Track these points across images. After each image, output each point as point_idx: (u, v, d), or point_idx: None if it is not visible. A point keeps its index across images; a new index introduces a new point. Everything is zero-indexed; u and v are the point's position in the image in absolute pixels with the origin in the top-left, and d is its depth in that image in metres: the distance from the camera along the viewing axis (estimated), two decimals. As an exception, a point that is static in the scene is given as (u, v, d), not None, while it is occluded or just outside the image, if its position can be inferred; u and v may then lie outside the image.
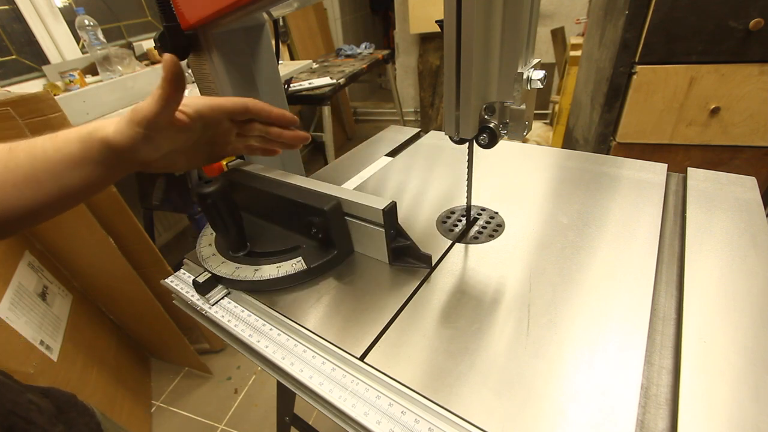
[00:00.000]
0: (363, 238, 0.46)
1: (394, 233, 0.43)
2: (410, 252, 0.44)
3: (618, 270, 0.40)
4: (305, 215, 0.44)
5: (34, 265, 1.00)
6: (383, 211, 0.41)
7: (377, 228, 0.43)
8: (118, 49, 1.49)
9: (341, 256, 0.46)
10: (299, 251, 0.45)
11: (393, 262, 0.45)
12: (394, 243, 0.44)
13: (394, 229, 0.43)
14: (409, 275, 0.43)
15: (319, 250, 0.45)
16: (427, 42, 2.66)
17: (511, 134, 0.37)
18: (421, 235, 0.49)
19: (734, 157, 0.99)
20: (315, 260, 0.44)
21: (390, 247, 0.44)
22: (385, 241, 0.43)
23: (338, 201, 0.43)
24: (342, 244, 0.46)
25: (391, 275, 0.43)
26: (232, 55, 0.52)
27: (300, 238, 0.47)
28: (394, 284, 0.42)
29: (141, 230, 1.08)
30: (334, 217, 0.43)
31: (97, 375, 1.07)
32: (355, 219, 0.45)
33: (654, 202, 0.50)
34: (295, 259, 0.44)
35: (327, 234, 0.44)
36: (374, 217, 0.42)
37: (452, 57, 0.33)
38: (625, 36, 0.92)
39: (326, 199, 0.43)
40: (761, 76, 0.87)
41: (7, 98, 0.81)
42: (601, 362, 0.31)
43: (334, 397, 0.32)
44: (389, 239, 0.43)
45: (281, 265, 0.44)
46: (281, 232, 0.49)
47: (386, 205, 0.41)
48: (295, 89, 1.97)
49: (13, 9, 1.36)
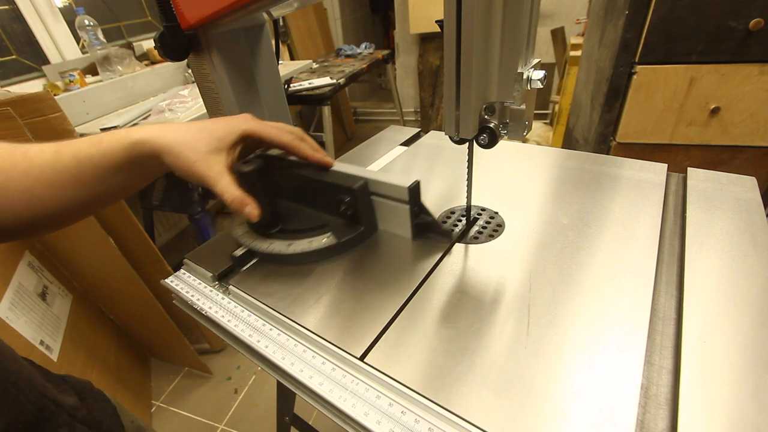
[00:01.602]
0: (388, 215, 0.48)
1: (417, 210, 0.46)
2: (433, 227, 0.47)
3: (618, 270, 0.40)
4: (335, 194, 0.46)
5: (34, 265, 1.00)
6: (409, 189, 0.44)
7: (402, 205, 0.46)
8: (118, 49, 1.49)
9: (367, 233, 0.49)
10: (328, 228, 0.48)
11: (416, 238, 0.48)
12: (418, 219, 0.46)
13: (417, 205, 0.46)
14: (409, 275, 0.43)
15: (347, 227, 0.48)
16: (427, 42, 2.66)
17: (511, 134, 0.37)
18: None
19: (734, 157, 0.99)
20: (344, 236, 0.47)
21: (413, 222, 0.46)
22: (409, 217, 0.46)
23: (366, 181, 0.46)
24: (368, 221, 0.49)
25: (392, 275, 0.43)
26: (232, 55, 0.52)
27: (328, 217, 0.50)
28: (395, 283, 0.42)
29: (141, 230, 1.08)
30: (362, 196, 0.46)
31: (97, 375, 1.07)
32: (381, 197, 0.47)
33: (654, 202, 0.50)
34: (326, 234, 0.47)
35: (355, 212, 0.46)
36: (399, 194, 0.45)
37: (452, 57, 0.33)
38: (625, 36, 0.92)
39: (354, 179, 0.46)
40: (761, 76, 0.87)
41: (7, 98, 0.81)
42: (601, 362, 0.31)
43: (334, 397, 0.32)
44: (413, 216, 0.46)
45: (313, 240, 0.47)
46: (310, 213, 0.51)
47: (411, 183, 0.44)
48: (295, 89, 1.97)
49: (13, 9, 1.36)
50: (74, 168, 0.36)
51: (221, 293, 0.46)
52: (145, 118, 1.26)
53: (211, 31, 0.50)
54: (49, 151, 0.36)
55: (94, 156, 0.36)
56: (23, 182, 0.34)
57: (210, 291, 0.46)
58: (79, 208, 0.38)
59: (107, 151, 0.37)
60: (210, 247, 0.52)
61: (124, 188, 0.40)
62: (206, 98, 0.59)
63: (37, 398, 0.35)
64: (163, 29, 0.49)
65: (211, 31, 0.50)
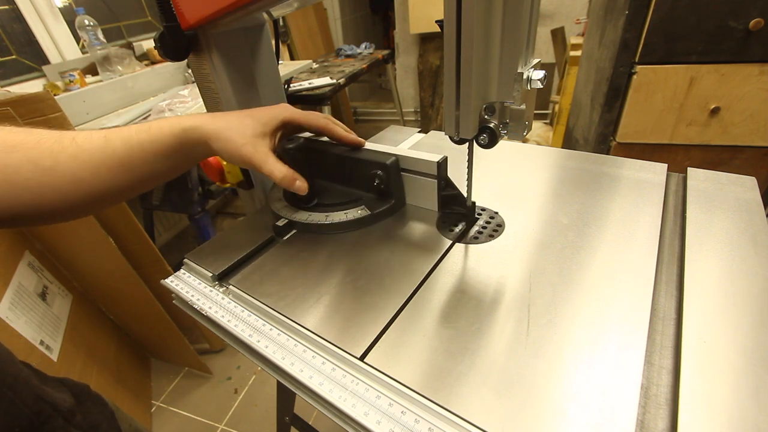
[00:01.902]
0: (416, 189, 0.53)
1: (444, 183, 0.50)
2: (457, 200, 0.50)
3: (618, 270, 0.40)
4: (369, 170, 0.50)
5: (34, 265, 1.00)
6: (437, 164, 0.48)
7: (429, 179, 0.50)
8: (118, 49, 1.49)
9: (397, 206, 0.53)
10: (361, 202, 0.52)
11: (442, 209, 0.52)
12: (444, 192, 0.50)
13: (444, 180, 0.49)
14: (409, 275, 0.43)
15: (379, 201, 0.52)
16: (427, 42, 2.66)
17: (511, 134, 0.37)
18: (422, 235, 0.49)
19: (734, 157, 0.99)
20: (376, 208, 0.51)
21: (440, 195, 0.50)
22: (436, 190, 0.50)
23: (397, 157, 0.50)
24: (398, 195, 0.53)
25: (392, 274, 0.43)
26: (232, 55, 0.52)
27: (359, 192, 0.54)
28: (395, 283, 0.42)
29: (141, 230, 1.08)
30: (393, 171, 0.50)
31: (97, 375, 1.07)
32: (410, 173, 0.52)
33: (654, 202, 0.50)
34: (360, 206, 0.52)
35: (387, 186, 0.51)
36: (428, 169, 0.49)
37: (452, 57, 0.33)
38: (625, 36, 0.92)
39: (387, 156, 0.50)
40: (761, 76, 0.87)
41: (7, 98, 0.81)
42: (601, 362, 0.31)
43: (334, 397, 0.32)
44: (440, 188, 0.50)
45: (348, 211, 0.51)
46: (342, 190, 0.56)
47: (440, 158, 0.48)
48: (295, 89, 1.97)
49: (13, 9, 1.36)
50: (123, 153, 0.38)
51: (221, 293, 0.46)
52: (144, 118, 1.26)
53: (211, 31, 0.50)
54: (98, 137, 0.37)
55: (144, 141, 0.39)
56: (71, 165, 0.35)
57: (210, 291, 0.46)
58: (123, 191, 0.40)
59: (157, 137, 0.39)
60: (210, 247, 0.52)
61: (167, 173, 0.42)
62: (206, 98, 0.59)
63: (34, 402, 0.35)
64: (163, 29, 0.48)
65: (211, 31, 0.50)
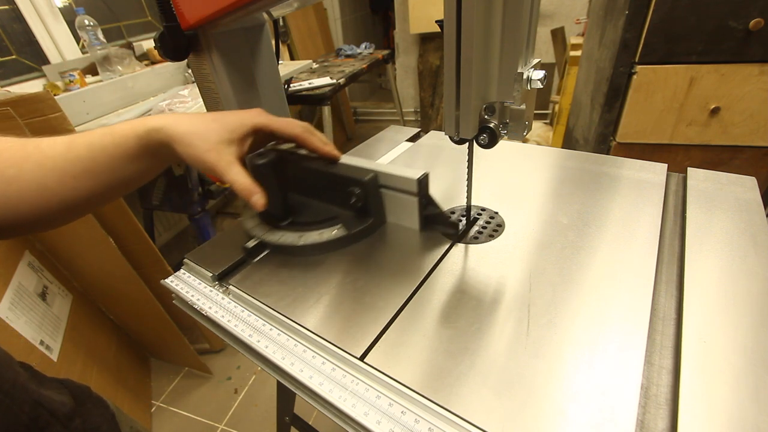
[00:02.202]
0: (396, 207, 0.49)
1: (425, 201, 0.46)
2: (440, 219, 0.47)
3: (618, 270, 0.40)
4: (346, 187, 0.47)
5: (34, 265, 1.00)
6: (417, 181, 0.44)
7: (410, 197, 0.46)
8: (118, 49, 1.49)
9: (376, 224, 0.50)
10: (338, 220, 0.49)
11: (424, 229, 0.48)
12: (426, 210, 0.47)
13: (425, 197, 0.46)
14: (409, 275, 0.43)
15: (356, 219, 0.49)
16: (427, 42, 2.66)
17: (511, 134, 0.37)
18: (421, 235, 0.49)
19: (734, 157, 0.99)
20: (353, 227, 0.47)
21: (422, 214, 0.47)
22: (417, 209, 0.47)
23: (375, 173, 0.47)
24: (377, 213, 0.49)
25: (392, 275, 0.43)
26: (232, 55, 0.52)
27: (337, 209, 0.50)
28: (395, 283, 0.42)
29: (141, 230, 1.08)
30: (371, 188, 0.47)
31: (97, 375, 1.07)
32: (390, 190, 0.48)
33: (654, 202, 0.50)
34: (336, 226, 0.48)
35: (365, 204, 0.47)
36: (408, 186, 0.46)
37: (452, 57, 0.33)
38: (625, 36, 0.92)
39: (365, 172, 0.46)
40: (761, 76, 0.87)
41: (7, 98, 0.81)
42: (601, 362, 0.31)
43: (334, 397, 0.32)
44: (421, 207, 0.47)
45: (323, 231, 0.47)
46: (319, 206, 0.52)
47: (420, 175, 0.44)
48: (295, 89, 1.97)
49: (13, 9, 1.36)
50: (87, 158, 0.36)
51: (221, 293, 0.46)
52: (145, 118, 1.26)
53: (211, 31, 0.50)
54: (61, 143, 0.36)
55: (108, 145, 0.37)
56: (36, 174, 0.34)
57: (210, 291, 0.46)
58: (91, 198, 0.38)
59: (121, 140, 0.37)
60: (210, 247, 0.52)
61: (137, 178, 0.41)
62: (206, 98, 0.59)
63: (31, 408, 0.35)
64: (163, 29, 0.48)
65: (211, 31, 0.50)
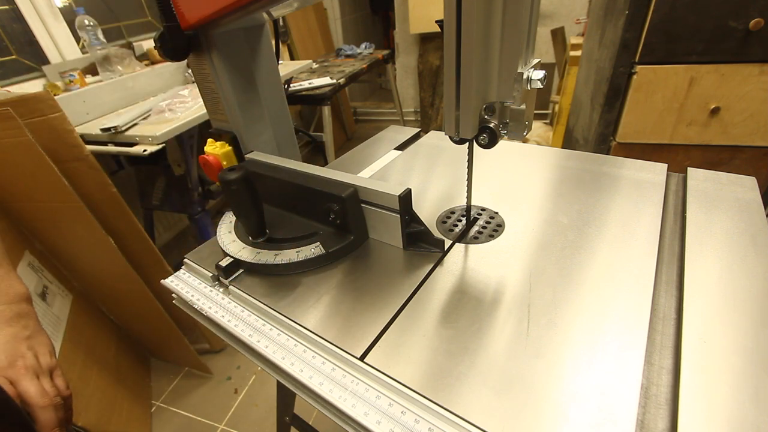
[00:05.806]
0: (378, 224, 0.47)
1: (408, 219, 0.45)
2: (424, 237, 0.45)
3: (618, 270, 0.40)
4: (324, 202, 0.45)
5: (34, 265, 1.00)
6: (399, 197, 0.42)
7: (392, 214, 0.44)
8: (118, 49, 1.49)
9: (357, 242, 0.48)
10: (317, 237, 0.47)
11: (407, 247, 0.46)
12: (409, 228, 0.45)
13: (408, 214, 0.44)
14: (409, 275, 0.43)
15: (336, 236, 0.47)
16: (427, 42, 2.65)
17: (511, 134, 0.37)
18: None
19: (734, 157, 0.99)
20: (333, 245, 0.45)
21: (404, 232, 0.45)
22: (399, 226, 0.45)
23: (355, 188, 0.45)
24: (358, 230, 0.47)
25: (391, 275, 0.43)
26: (232, 55, 0.52)
27: (317, 225, 0.49)
28: (395, 283, 0.42)
29: (141, 230, 1.08)
30: (351, 204, 0.45)
31: (97, 375, 1.07)
32: (371, 206, 0.46)
33: (654, 202, 0.49)
34: (314, 244, 0.46)
35: (344, 220, 0.45)
36: (390, 203, 0.44)
37: (452, 57, 0.33)
38: (625, 36, 0.92)
39: (344, 187, 0.45)
40: (761, 76, 0.87)
41: (7, 98, 0.81)
42: (601, 362, 0.31)
43: (334, 397, 0.32)
44: (404, 225, 0.44)
45: (300, 249, 0.45)
46: (299, 220, 0.50)
47: (402, 191, 0.43)
48: (295, 89, 1.97)
49: (13, 9, 1.36)
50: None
51: (221, 293, 0.46)
52: (145, 118, 1.26)
53: (211, 31, 0.50)
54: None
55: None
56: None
57: (210, 291, 0.46)
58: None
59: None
60: (210, 247, 0.52)
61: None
62: (206, 98, 0.59)
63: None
64: (163, 29, 0.48)
65: (211, 31, 0.50)
